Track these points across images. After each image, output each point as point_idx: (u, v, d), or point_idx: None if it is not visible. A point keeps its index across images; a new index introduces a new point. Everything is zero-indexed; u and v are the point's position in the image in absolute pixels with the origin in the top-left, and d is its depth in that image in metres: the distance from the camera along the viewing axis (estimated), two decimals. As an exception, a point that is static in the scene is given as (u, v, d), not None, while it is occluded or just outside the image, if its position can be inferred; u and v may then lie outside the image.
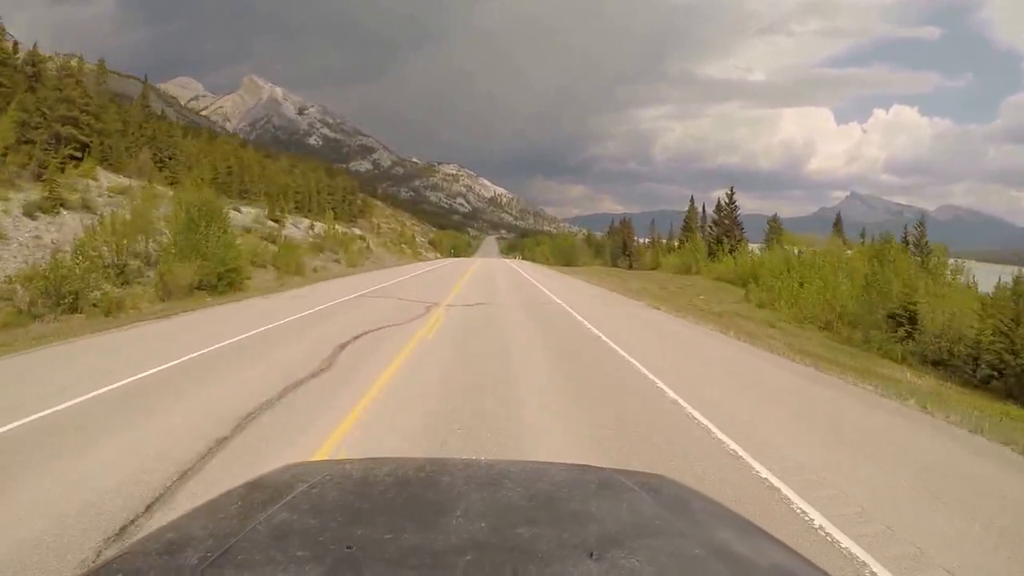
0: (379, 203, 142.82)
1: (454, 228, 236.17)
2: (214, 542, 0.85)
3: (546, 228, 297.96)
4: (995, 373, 14.99)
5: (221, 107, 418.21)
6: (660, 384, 6.86)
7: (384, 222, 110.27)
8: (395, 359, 7.74)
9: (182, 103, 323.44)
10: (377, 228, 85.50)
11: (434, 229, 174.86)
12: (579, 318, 13.09)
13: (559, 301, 17.11)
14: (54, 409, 5.23)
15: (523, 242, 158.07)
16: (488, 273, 33.06)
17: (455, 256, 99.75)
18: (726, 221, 51.50)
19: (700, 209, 61.13)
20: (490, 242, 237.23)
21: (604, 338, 10.26)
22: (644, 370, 7.62)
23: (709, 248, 50.06)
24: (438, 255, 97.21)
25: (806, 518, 3.59)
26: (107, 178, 25.42)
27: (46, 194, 18.91)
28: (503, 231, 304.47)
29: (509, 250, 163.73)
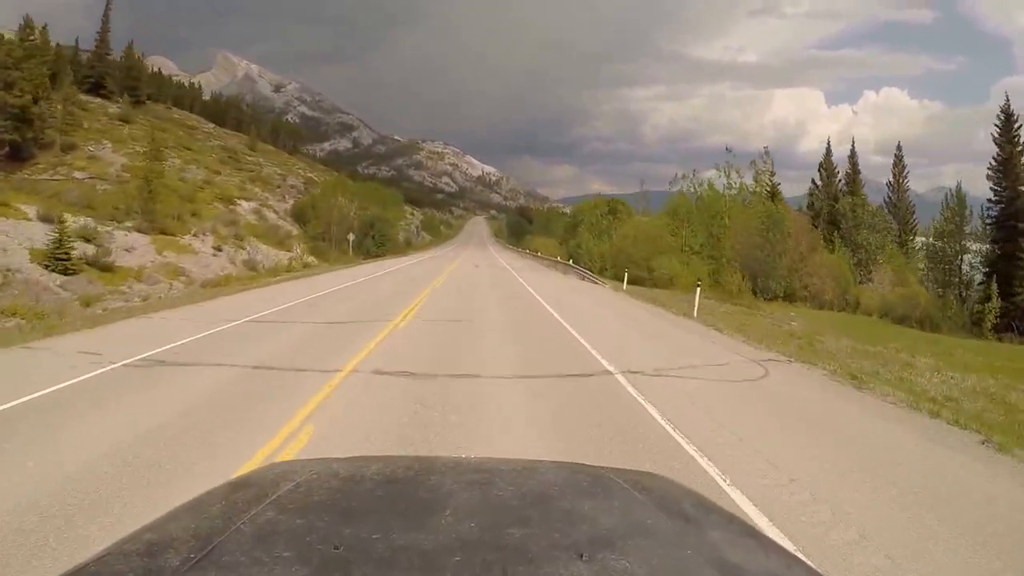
0: (196, 119, 62.15)
1: (436, 208, 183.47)
2: (196, 543, 0.82)
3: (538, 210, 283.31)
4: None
5: (193, 86, 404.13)
6: None
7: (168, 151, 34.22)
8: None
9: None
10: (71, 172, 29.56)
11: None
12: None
13: None
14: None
15: (560, 221, 72.39)
16: None
17: (376, 259, 38.28)
18: None
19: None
20: (478, 223, 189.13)
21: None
22: None
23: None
24: (304, 257, 33.34)
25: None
26: None
27: None
28: (492, 211, 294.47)
29: (514, 237, 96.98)
